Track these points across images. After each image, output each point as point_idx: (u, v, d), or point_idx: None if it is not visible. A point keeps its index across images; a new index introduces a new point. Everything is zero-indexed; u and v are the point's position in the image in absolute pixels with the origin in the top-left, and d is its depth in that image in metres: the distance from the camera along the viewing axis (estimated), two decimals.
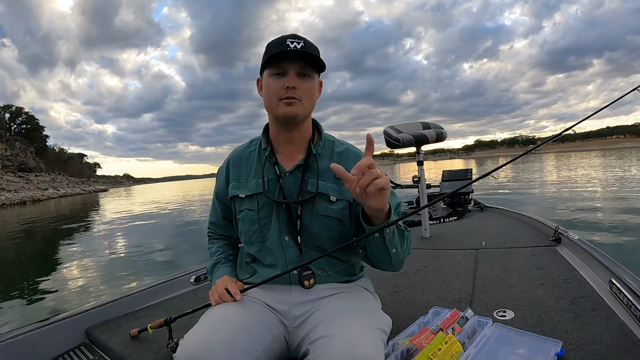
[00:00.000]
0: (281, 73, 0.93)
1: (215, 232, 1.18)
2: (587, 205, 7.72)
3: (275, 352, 0.89)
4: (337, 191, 0.98)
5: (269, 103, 0.96)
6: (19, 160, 56.88)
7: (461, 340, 0.97)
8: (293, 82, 0.92)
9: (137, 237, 8.69)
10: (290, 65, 0.92)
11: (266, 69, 0.95)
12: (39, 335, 1.29)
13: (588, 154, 56.29)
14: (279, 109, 0.94)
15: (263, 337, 0.86)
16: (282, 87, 0.92)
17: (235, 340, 0.81)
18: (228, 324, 0.85)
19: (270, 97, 0.94)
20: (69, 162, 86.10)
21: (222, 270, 1.07)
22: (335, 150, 1.04)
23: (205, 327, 0.85)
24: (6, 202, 35.21)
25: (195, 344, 0.78)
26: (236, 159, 1.09)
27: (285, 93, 0.92)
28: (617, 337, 1.01)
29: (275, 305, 0.95)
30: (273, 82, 0.93)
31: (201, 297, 1.67)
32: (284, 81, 0.92)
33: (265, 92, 0.96)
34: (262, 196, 0.99)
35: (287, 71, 0.92)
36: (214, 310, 0.92)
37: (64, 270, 5.86)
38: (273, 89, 0.93)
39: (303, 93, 0.94)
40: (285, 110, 0.93)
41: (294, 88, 0.92)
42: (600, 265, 1.46)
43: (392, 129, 2.51)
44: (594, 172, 17.68)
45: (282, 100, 0.93)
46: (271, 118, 1.01)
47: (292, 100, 0.93)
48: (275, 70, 0.93)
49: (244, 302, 0.95)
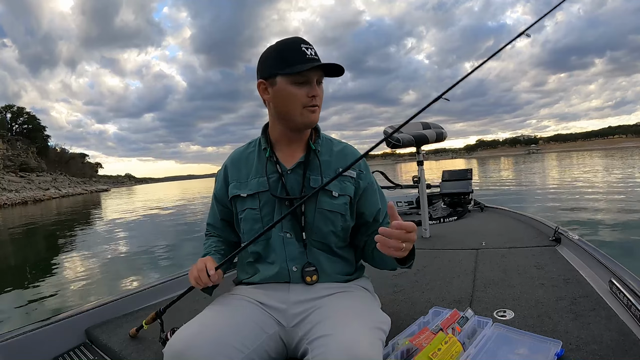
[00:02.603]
0: (304, 82, 0.95)
1: (213, 232, 1.18)
2: (587, 205, 7.71)
3: (270, 351, 0.89)
4: (338, 187, 1.00)
5: (290, 110, 0.97)
6: (21, 160, 57.01)
7: (461, 340, 0.97)
8: (316, 91, 0.96)
9: (137, 237, 8.71)
10: (312, 74, 0.95)
11: (284, 75, 0.94)
12: (39, 335, 1.29)
13: (589, 154, 56.20)
14: (302, 117, 0.97)
15: (255, 336, 0.86)
16: (305, 95, 0.95)
17: (224, 338, 0.81)
18: (218, 322, 0.86)
19: (292, 105, 0.96)
20: (70, 162, 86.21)
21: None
22: (334, 149, 1.07)
23: (194, 324, 0.85)
24: (7, 202, 35.28)
25: (183, 341, 0.79)
26: (235, 160, 1.10)
27: (310, 101, 0.96)
28: (617, 337, 1.01)
29: (271, 304, 0.95)
30: (295, 90, 0.95)
31: (201, 297, 1.67)
32: (306, 90, 0.95)
33: (285, 99, 0.96)
34: (263, 195, 1.00)
35: (309, 80, 0.95)
36: (206, 309, 0.93)
37: (64, 270, 5.87)
38: (296, 97, 0.95)
39: (320, 100, 0.99)
40: (312, 118, 0.98)
41: (315, 96, 0.96)
42: (600, 265, 1.46)
43: (392, 129, 2.51)
44: (594, 172, 17.65)
45: (306, 108, 0.96)
46: (280, 121, 1.02)
47: (315, 108, 0.97)
48: (300, 79, 0.94)
49: (238, 302, 0.96)
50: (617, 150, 77.88)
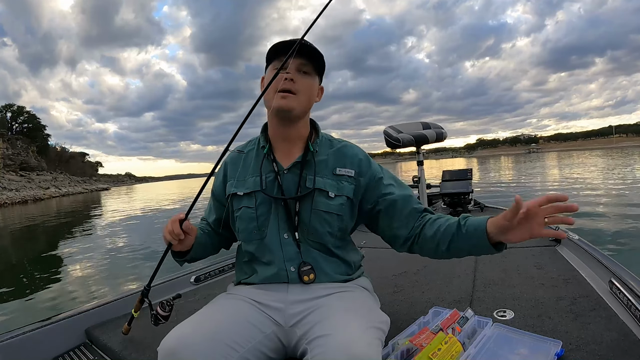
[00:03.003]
0: (282, 68, 0.94)
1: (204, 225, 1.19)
2: (587, 205, 7.71)
3: (267, 351, 0.89)
4: (335, 187, 0.99)
5: (267, 95, 0.97)
6: (21, 159, 57.00)
7: (461, 340, 0.97)
8: (292, 74, 0.95)
9: (138, 236, 8.70)
10: (291, 60, 0.93)
11: (270, 64, 0.98)
12: (39, 335, 1.29)
13: (590, 154, 56.19)
14: (275, 102, 0.95)
15: (251, 335, 0.86)
16: (281, 79, 0.94)
17: (218, 336, 0.81)
18: (213, 321, 0.87)
19: (270, 89, 0.96)
20: (70, 161, 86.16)
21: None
22: (332, 148, 1.06)
23: (189, 323, 0.86)
24: (7, 201, 35.28)
25: (175, 339, 0.79)
26: (234, 158, 1.10)
27: (283, 85, 0.94)
28: (617, 337, 1.01)
29: (269, 304, 0.95)
30: (273, 74, 0.95)
31: (201, 297, 1.67)
32: (283, 75, 0.94)
33: (266, 85, 0.97)
34: (260, 194, 1.00)
35: (288, 65, 0.94)
36: (203, 309, 0.94)
37: (64, 269, 5.87)
38: (273, 81, 0.95)
39: (300, 88, 0.96)
40: (281, 103, 0.95)
41: (292, 80, 0.95)
42: (600, 265, 1.46)
43: (392, 129, 2.51)
44: (594, 171, 17.65)
45: (278, 92, 0.95)
46: (269, 114, 1.02)
47: (288, 95, 0.95)
48: (277, 64, 0.95)
49: (234, 301, 0.97)
50: (617, 149, 77.86)
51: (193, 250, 1.03)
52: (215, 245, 1.17)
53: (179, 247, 0.98)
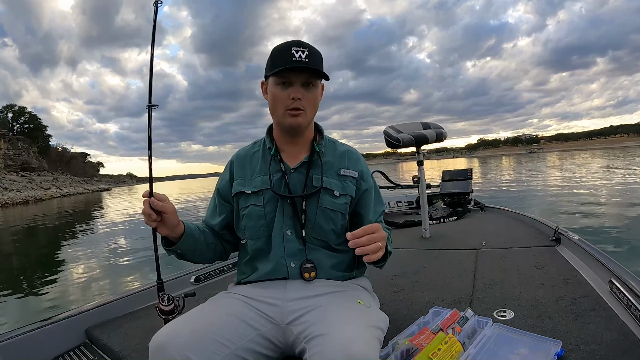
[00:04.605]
0: (286, 83, 0.95)
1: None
2: (587, 205, 7.70)
3: (260, 349, 0.89)
4: (339, 187, 1.03)
5: (276, 112, 0.99)
6: (22, 160, 57.09)
7: (461, 340, 0.97)
8: (298, 93, 0.95)
9: (138, 236, 8.70)
10: (295, 77, 0.95)
11: (272, 76, 0.97)
12: (39, 335, 1.30)
13: (591, 154, 56.10)
14: (284, 119, 0.98)
15: (243, 333, 0.87)
16: (287, 97, 0.95)
17: (208, 333, 0.82)
18: (204, 318, 0.87)
19: (276, 107, 0.98)
20: (71, 162, 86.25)
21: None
22: (337, 150, 1.09)
23: (180, 320, 0.87)
24: (9, 202, 35.33)
25: (165, 335, 0.80)
26: (241, 158, 1.12)
27: (291, 104, 0.96)
28: (617, 337, 1.01)
29: (266, 300, 0.95)
30: (279, 91, 0.96)
31: (201, 297, 1.67)
32: (289, 91, 0.95)
33: (271, 100, 0.99)
34: (267, 192, 1.02)
35: (293, 82, 0.95)
36: (196, 307, 0.94)
37: (64, 270, 5.88)
38: (279, 98, 0.96)
39: (307, 103, 0.98)
40: (291, 122, 0.98)
41: (299, 99, 0.96)
42: (600, 265, 1.46)
43: (392, 129, 2.51)
44: (595, 171, 17.62)
45: (288, 111, 0.96)
46: (275, 122, 1.05)
47: (298, 112, 0.96)
48: (281, 80, 0.96)
49: (228, 300, 0.98)
50: (618, 149, 77.75)
51: (183, 240, 1.00)
52: (209, 246, 1.10)
53: (164, 231, 0.95)
